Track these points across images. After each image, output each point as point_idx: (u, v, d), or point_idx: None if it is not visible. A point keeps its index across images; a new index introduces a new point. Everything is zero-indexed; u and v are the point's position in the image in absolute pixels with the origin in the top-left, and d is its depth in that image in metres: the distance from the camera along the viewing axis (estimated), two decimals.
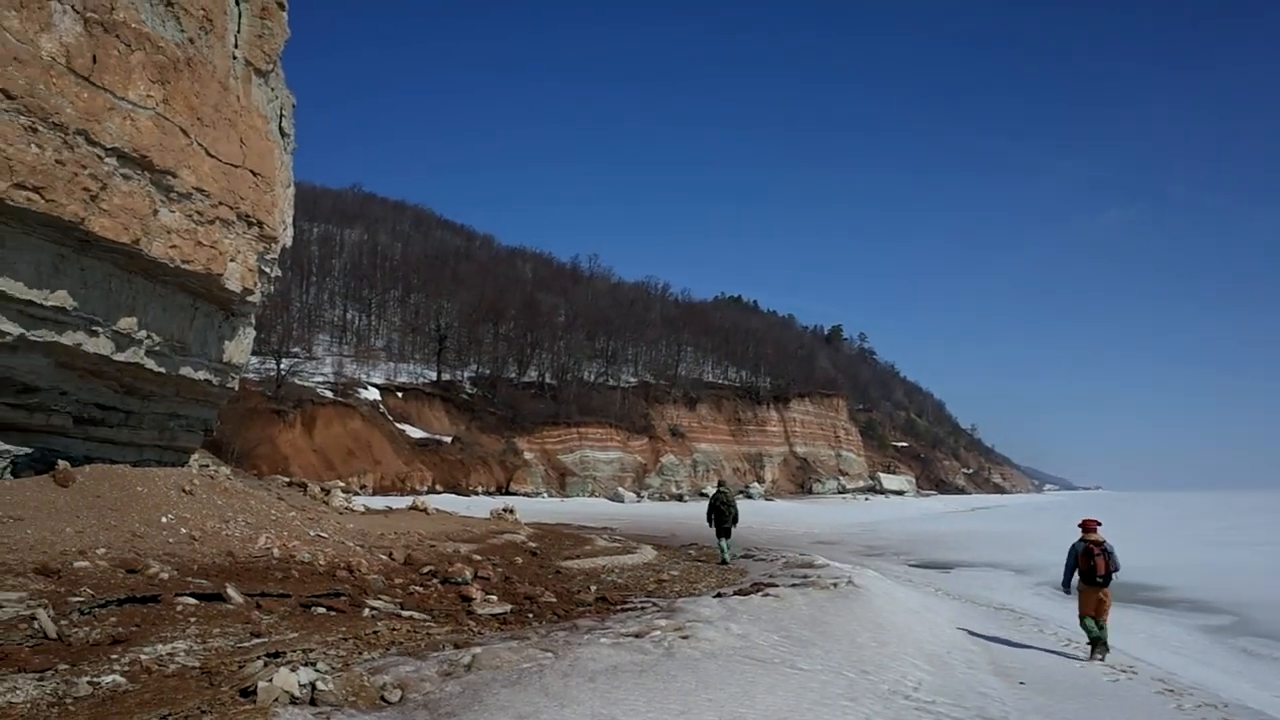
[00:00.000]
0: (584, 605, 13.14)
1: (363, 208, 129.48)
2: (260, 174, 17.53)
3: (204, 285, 16.80)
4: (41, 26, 12.65)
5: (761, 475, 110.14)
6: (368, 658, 8.08)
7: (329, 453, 59.80)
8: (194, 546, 13.23)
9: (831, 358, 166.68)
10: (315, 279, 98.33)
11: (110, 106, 13.67)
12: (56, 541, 11.49)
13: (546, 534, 27.36)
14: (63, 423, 15.79)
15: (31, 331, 13.69)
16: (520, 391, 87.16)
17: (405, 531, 20.67)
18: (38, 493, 13.28)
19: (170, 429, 19.24)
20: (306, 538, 15.80)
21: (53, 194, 12.73)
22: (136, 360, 16.06)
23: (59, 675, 6.60)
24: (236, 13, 17.30)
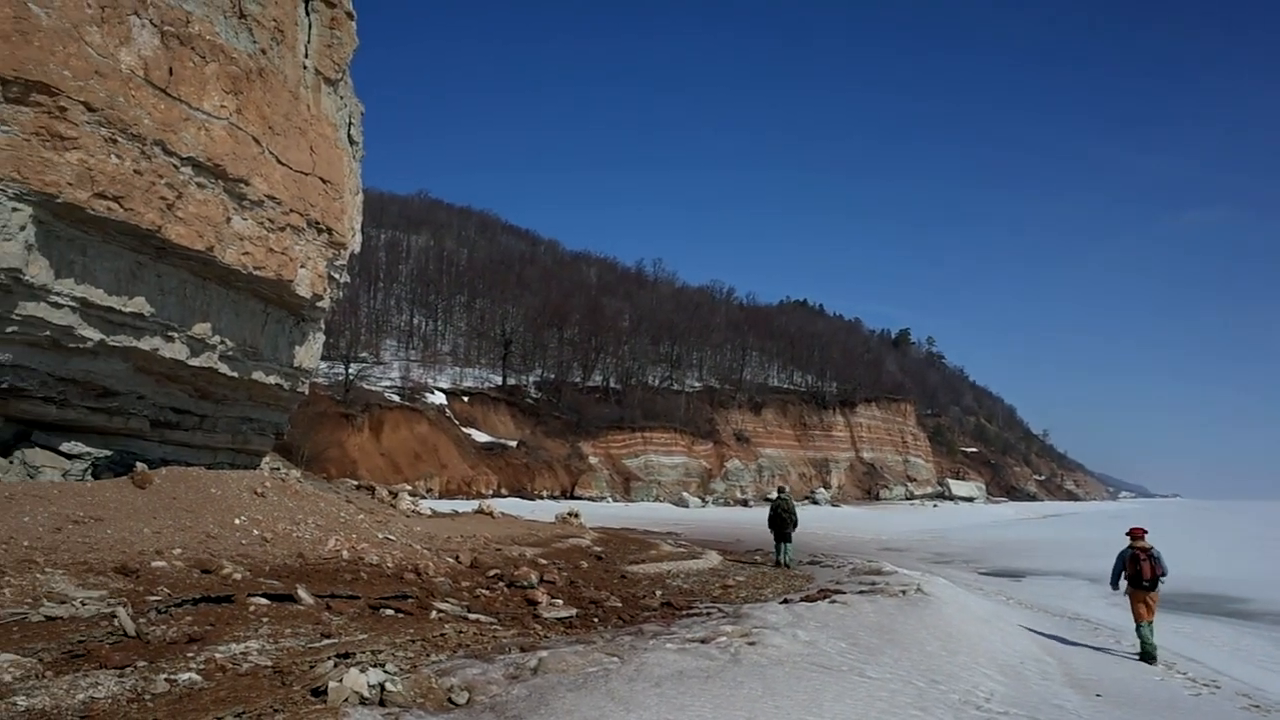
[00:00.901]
0: (649, 610, 13.08)
1: (429, 214, 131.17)
2: (330, 181, 17.81)
3: (275, 291, 17.10)
4: (121, 40, 13.00)
5: (828, 481, 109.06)
6: (435, 660, 8.11)
7: (396, 456, 60.57)
8: (266, 548, 13.45)
9: (899, 362, 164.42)
10: (383, 284, 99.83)
11: (186, 117, 14.00)
12: (135, 541, 11.75)
13: (611, 538, 27.35)
14: (140, 426, 16.21)
15: (111, 337, 14.07)
16: (585, 396, 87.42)
17: (471, 535, 20.80)
18: (117, 494, 13.62)
19: (243, 432, 19.63)
20: (375, 540, 15.98)
21: (131, 203, 13.07)
22: (210, 365, 16.41)
23: (138, 672, 6.73)
24: (307, 23, 17.61)
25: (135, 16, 13.27)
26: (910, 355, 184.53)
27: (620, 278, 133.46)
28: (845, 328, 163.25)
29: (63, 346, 13.53)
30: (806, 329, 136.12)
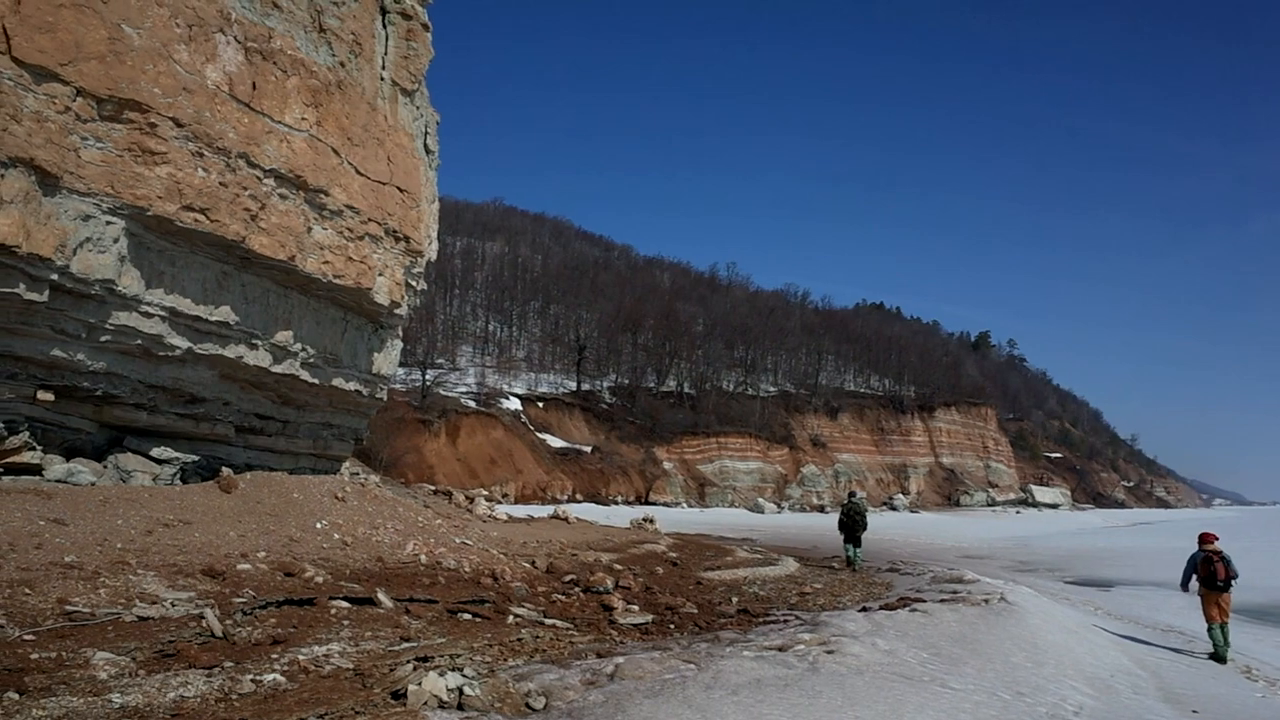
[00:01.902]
0: (725, 617, 12.99)
1: (504, 221, 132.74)
2: (407, 190, 18.09)
3: (354, 299, 17.42)
4: (208, 57, 13.38)
5: (906, 486, 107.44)
6: (512, 664, 8.15)
7: (472, 461, 61.29)
8: (346, 551, 13.69)
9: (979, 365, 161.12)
10: (458, 291, 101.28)
11: (268, 130, 14.34)
12: (221, 545, 12.05)
13: (686, 544, 27.29)
14: (226, 432, 16.65)
15: (198, 345, 14.48)
16: (659, 401, 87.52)
17: (547, 540, 20.92)
18: (204, 498, 13.99)
19: (323, 438, 20.02)
20: (452, 545, 16.15)
21: (217, 214, 13.43)
22: (292, 372, 16.78)
23: (225, 672, 6.87)
24: (384, 35, 17.92)
25: (221, 34, 13.64)
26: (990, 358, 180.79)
27: (694, 282, 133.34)
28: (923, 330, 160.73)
29: (153, 354, 13.96)
30: (883, 332, 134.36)
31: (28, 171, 11.07)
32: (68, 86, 11.38)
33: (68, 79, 11.35)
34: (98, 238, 12.18)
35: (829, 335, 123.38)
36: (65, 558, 9.76)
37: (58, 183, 11.47)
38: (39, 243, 11.26)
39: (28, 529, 10.37)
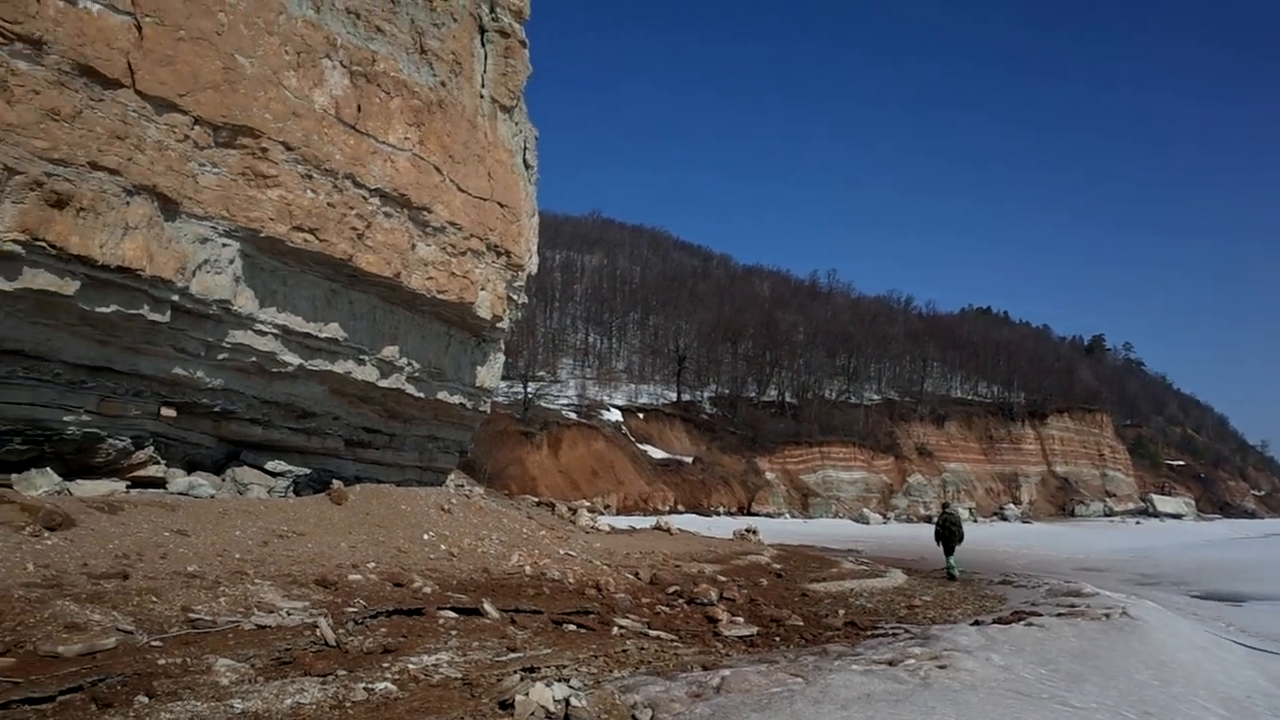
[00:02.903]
0: (832, 630, 12.76)
1: (602, 233, 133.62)
2: (507, 205, 18.36)
3: (457, 314, 17.74)
4: (315, 83, 13.82)
5: (1017, 496, 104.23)
6: (618, 676, 8.13)
7: (574, 473, 61.76)
8: (452, 562, 13.90)
9: (1093, 370, 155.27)
10: (558, 304, 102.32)
11: (373, 151, 14.73)
12: (333, 555, 12.36)
13: (790, 555, 26.96)
14: (336, 445, 17.13)
15: (309, 361, 14.94)
16: (760, 411, 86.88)
17: (650, 551, 20.90)
18: (316, 510, 14.39)
19: (429, 450, 20.43)
20: (556, 556, 16.27)
21: (325, 234, 13.84)
22: (399, 386, 17.16)
23: (338, 680, 7.02)
24: (483, 54, 18.25)
25: (327, 59, 14.08)
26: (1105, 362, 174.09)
27: (794, 290, 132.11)
28: (1033, 335, 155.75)
29: (266, 371, 14.46)
30: (990, 337, 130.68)
31: (150, 198, 11.59)
32: (186, 116, 11.89)
33: (186, 108, 11.86)
34: (214, 259, 12.67)
35: (934, 342, 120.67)
36: (188, 567, 10.14)
37: (177, 208, 11.98)
38: (161, 265, 11.77)
39: (154, 540, 10.81)
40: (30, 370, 11.70)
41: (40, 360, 11.73)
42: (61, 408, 12.21)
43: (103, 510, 11.30)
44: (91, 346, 12.13)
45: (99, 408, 12.62)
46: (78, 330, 11.80)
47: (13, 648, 6.78)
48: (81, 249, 10.81)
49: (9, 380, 11.50)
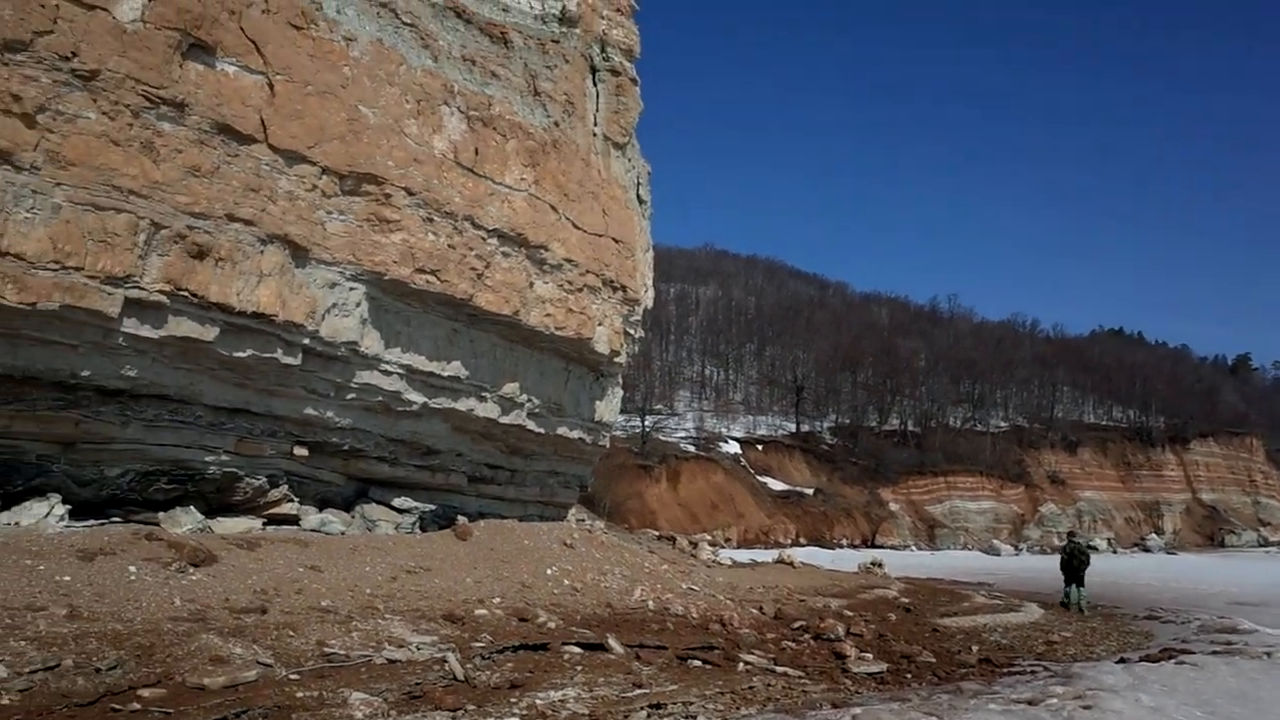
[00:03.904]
0: (966, 667, 12.32)
1: (716, 264, 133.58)
2: (622, 241, 18.54)
3: (575, 349, 17.95)
4: (435, 129, 14.29)
5: (1159, 525, 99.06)
6: (745, 713, 8.01)
7: (693, 506, 61.57)
8: (576, 597, 13.97)
9: (1239, 391, 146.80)
10: (674, 337, 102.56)
11: (490, 192, 15.11)
12: (459, 590, 12.57)
13: (918, 589, 26.22)
14: (459, 481, 17.49)
15: (432, 400, 15.33)
16: (882, 440, 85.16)
17: (773, 585, 20.62)
18: (442, 545, 14.68)
19: (550, 486, 20.65)
20: (679, 590, 16.19)
21: (446, 275, 14.23)
22: (519, 422, 17.44)
23: (468, 715, 7.11)
24: (595, 93, 18.55)
25: (445, 106, 14.54)
26: (1253, 383, 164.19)
27: (913, 317, 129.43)
28: (1170, 356, 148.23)
29: (392, 410, 14.89)
30: (1124, 359, 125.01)
31: (283, 246, 12.13)
32: (314, 166, 12.43)
33: (314, 159, 12.39)
34: (342, 303, 13.15)
35: (1063, 365, 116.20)
36: (322, 602, 10.45)
37: (307, 254, 12.50)
38: (293, 310, 12.27)
39: (289, 575, 11.20)
40: (174, 413, 12.32)
41: (183, 404, 12.34)
42: (203, 448, 12.80)
43: (242, 547, 11.78)
44: (230, 389, 12.72)
45: (237, 448, 13.19)
46: (217, 374, 12.38)
47: (163, 679, 7.09)
48: (220, 297, 11.36)
49: (155, 423, 12.12)
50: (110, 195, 10.24)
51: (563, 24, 17.48)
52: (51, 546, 9.94)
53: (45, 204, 9.78)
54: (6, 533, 10.24)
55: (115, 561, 9.97)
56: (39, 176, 9.70)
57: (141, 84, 10.45)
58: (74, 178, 9.95)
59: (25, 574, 9.09)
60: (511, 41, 16.38)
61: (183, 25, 10.86)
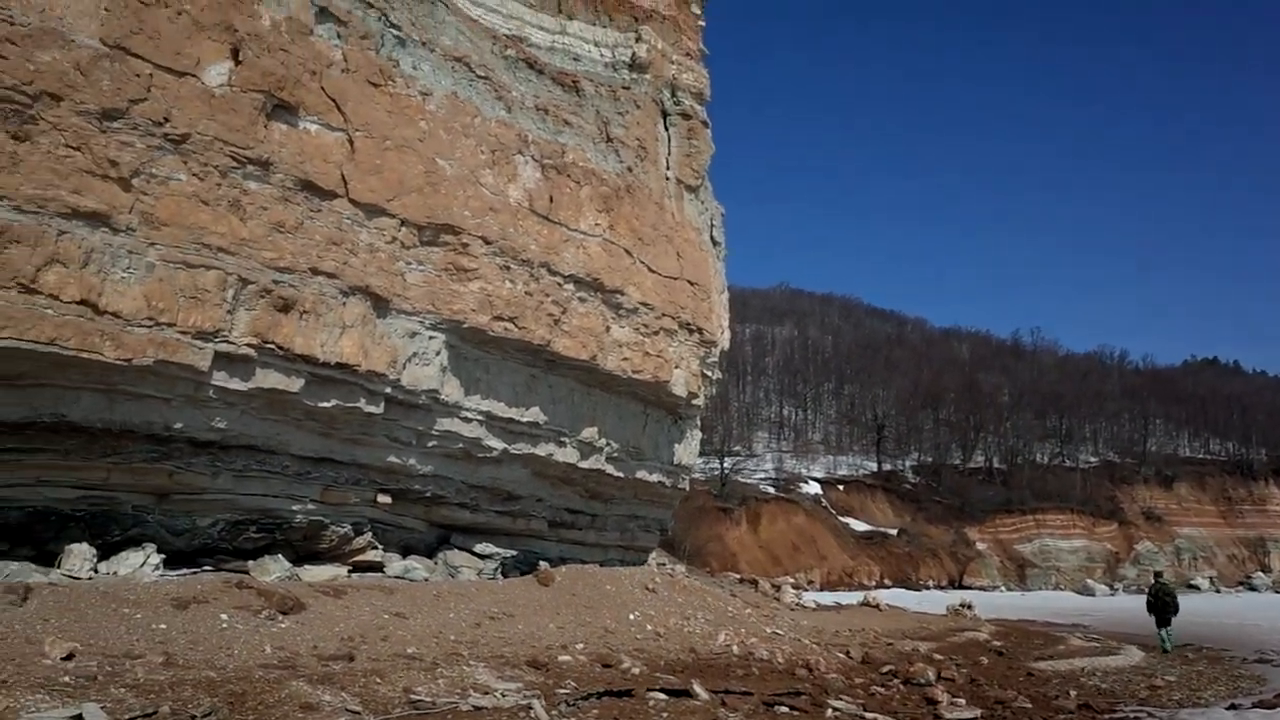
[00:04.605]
0: (1064, 713, 11.83)
1: (791, 304, 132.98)
2: (697, 283, 18.55)
3: (653, 393, 17.94)
4: (509, 178, 14.54)
5: (1265, 563, 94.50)
6: None
7: (775, 548, 60.77)
8: (659, 642, 13.82)
9: None
10: (750, 378, 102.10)
11: (566, 239, 15.27)
12: (542, 636, 12.53)
13: (1010, 631, 25.43)
14: (540, 527, 17.53)
15: (512, 446, 15.44)
16: (966, 478, 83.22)
17: (859, 628, 20.18)
18: (524, 591, 14.68)
19: (630, 529, 20.57)
20: (763, 635, 15.93)
21: (524, 322, 14.38)
22: (599, 467, 17.44)
23: None
24: (666, 137, 18.71)
25: (520, 155, 14.80)
26: None
27: (995, 351, 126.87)
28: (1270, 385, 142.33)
29: (473, 456, 15.02)
30: (1220, 390, 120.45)
31: (364, 298, 12.39)
32: (394, 219, 12.71)
33: (394, 212, 12.68)
34: (422, 352, 13.36)
35: (1155, 397, 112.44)
36: (407, 649, 10.50)
37: (388, 305, 12.74)
38: (375, 360, 12.50)
39: (375, 622, 11.28)
40: (262, 463, 12.59)
41: (271, 454, 12.61)
42: (290, 497, 13.05)
43: (328, 594, 11.91)
44: (315, 439, 12.96)
45: (322, 496, 13.42)
46: (302, 424, 12.64)
47: None
48: (305, 349, 11.63)
49: (244, 473, 12.40)
50: (200, 253, 10.59)
51: (633, 70, 17.71)
52: (148, 595, 10.18)
53: (140, 263, 10.15)
54: (106, 582, 10.52)
55: (208, 609, 10.16)
56: (134, 237, 10.08)
57: (229, 145, 10.84)
58: (166, 237, 10.32)
59: (124, 622, 9.31)
60: (583, 90, 16.65)
61: (267, 87, 11.26)
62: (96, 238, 9.78)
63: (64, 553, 10.87)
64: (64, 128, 9.47)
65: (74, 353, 9.64)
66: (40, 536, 11.23)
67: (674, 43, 19.02)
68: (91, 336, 9.74)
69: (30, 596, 9.15)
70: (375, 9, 12.98)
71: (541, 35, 16.70)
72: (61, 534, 11.22)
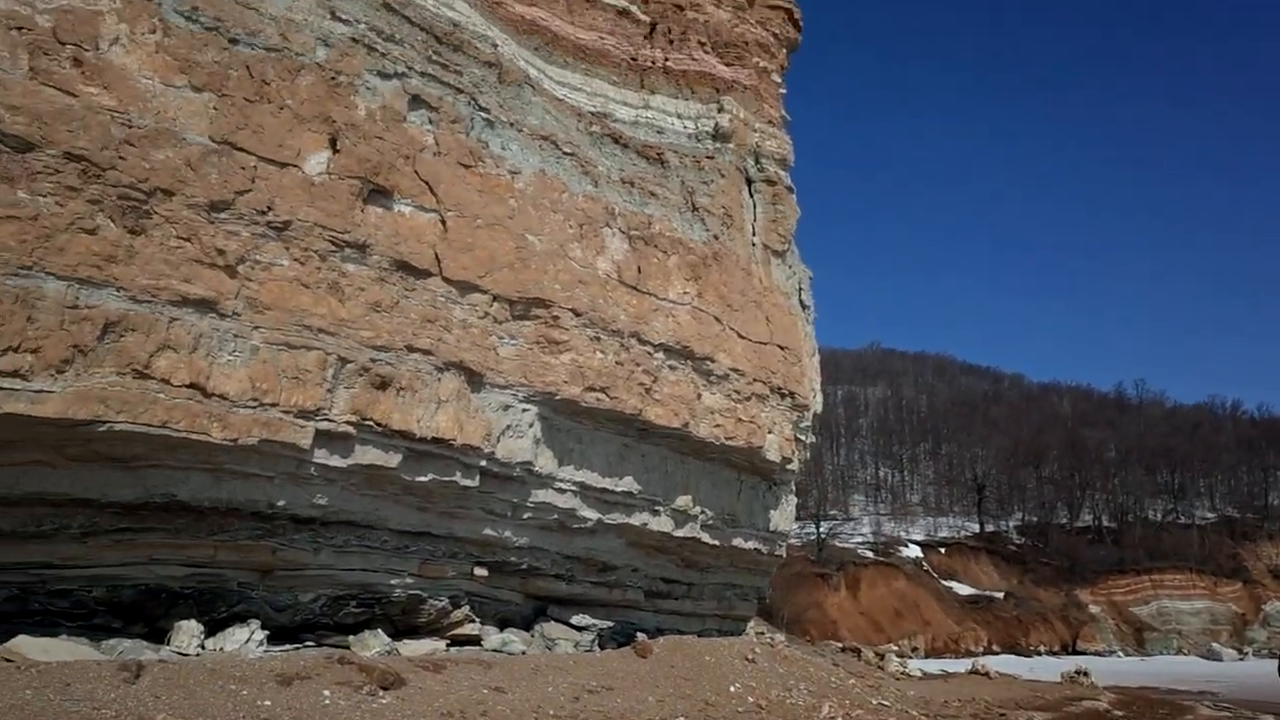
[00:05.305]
0: None
1: (883, 364, 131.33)
2: (787, 347, 18.44)
3: (746, 459, 17.77)
4: (597, 251, 14.75)
5: None
6: None
7: (876, 614, 59.18)
8: (761, 715, 13.49)
9: None
10: (844, 440, 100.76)
11: (655, 308, 15.36)
12: (642, 710, 12.34)
13: (1132, 700, 24.17)
14: (636, 597, 17.39)
15: (607, 516, 15.42)
16: (1075, 538, 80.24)
17: (969, 698, 19.40)
18: (622, 663, 14.51)
19: (727, 598, 20.26)
20: (869, 706, 15.44)
21: (615, 392, 14.44)
22: (694, 535, 17.28)
23: None
24: (751, 204, 18.80)
25: (607, 228, 15.02)
26: None
27: (1098, 405, 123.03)
28: None
29: (568, 527, 15.04)
30: None
31: (458, 373, 12.61)
32: (486, 295, 12.97)
33: (486, 288, 12.94)
34: (515, 424, 13.50)
35: (1274, 448, 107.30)
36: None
37: (482, 379, 12.94)
38: (470, 434, 12.66)
39: (474, 697, 11.26)
40: (362, 538, 12.79)
41: (370, 529, 12.81)
42: (388, 572, 13.20)
43: (428, 669, 11.95)
44: (412, 513, 13.13)
45: (420, 570, 13.55)
46: (400, 499, 12.82)
47: None
48: (402, 424, 11.85)
49: (344, 549, 12.60)
50: (301, 334, 10.93)
51: (716, 140, 17.90)
52: (252, 671, 10.34)
53: (245, 346, 10.52)
54: (213, 658, 10.73)
55: (310, 686, 10.27)
56: (239, 321, 10.46)
57: (328, 230, 11.24)
58: (270, 320, 10.69)
59: (230, 699, 9.46)
60: (667, 161, 16.88)
61: (363, 173, 11.68)
62: (205, 323, 10.18)
63: (173, 629, 11.15)
64: (175, 220, 9.95)
65: (184, 434, 9.98)
66: (151, 613, 11.55)
67: (756, 111, 19.18)
68: (200, 418, 10.08)
69: (142, 674, 9.37)
70: (465, 94, 13.41)
71: (625, 110, 17.02)
72: (171, 611, 11.52)
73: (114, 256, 9.46)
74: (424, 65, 12.91)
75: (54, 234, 9.03)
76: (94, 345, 9.33)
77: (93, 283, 9.32)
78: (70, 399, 9.13)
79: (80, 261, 9.21)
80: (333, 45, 11.82)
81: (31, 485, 9.84)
